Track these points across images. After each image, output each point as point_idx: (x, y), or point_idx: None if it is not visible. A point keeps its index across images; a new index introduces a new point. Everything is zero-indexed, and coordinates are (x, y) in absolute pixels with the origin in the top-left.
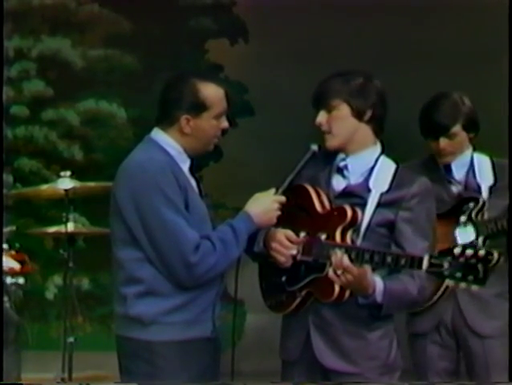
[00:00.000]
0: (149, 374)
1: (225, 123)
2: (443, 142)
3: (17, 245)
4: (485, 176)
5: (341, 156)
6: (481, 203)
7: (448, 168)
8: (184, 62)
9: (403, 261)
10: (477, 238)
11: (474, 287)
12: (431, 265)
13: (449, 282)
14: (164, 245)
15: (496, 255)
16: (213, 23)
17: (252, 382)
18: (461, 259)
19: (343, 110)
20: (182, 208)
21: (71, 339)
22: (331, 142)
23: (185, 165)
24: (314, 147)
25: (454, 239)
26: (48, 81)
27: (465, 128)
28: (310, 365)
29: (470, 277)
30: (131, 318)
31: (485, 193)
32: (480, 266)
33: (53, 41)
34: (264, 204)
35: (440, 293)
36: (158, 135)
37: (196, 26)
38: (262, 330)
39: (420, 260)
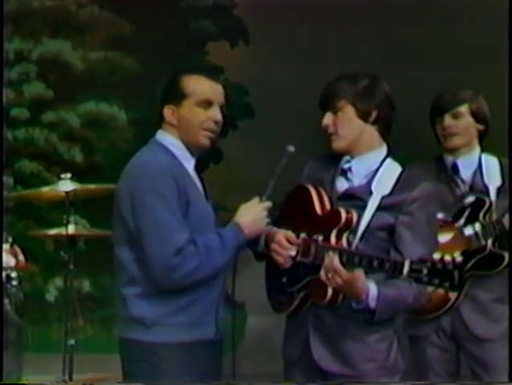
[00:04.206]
0: (151, 377)
1: (214, 114)
2: (448, 120)
3: (9, 239)
4: (492, 177)
5: (346, 157)
6: (487, 204)
7: (455, 168)
8: (185, 64)
9: (387, 266)
10: (486, 240)
11: (451, 293)
12: (411, 270)
13: (428, 288)
14: (147, 244)
15: (507, 256)
16: (213, 25)
17: (254, 384)
18: (439, 265)
19: (349, 111)
20: (176, 210)
21: (71, 341)
22: (338, 144)
23: (190, 164)
24: (291, 148)
25: (463, 242)
26: (48, 83)
27: (474, 115)
28: (309, 366)
29: (446, 284)
30: (133, 320)
31: (492, 194)
32: (456, 273)
33: (53, 43)
34: (253, 214)
35: (447, 307)
36: (161, 135)
37: (196, 28)
38: (264, 332)
39: (402, 265)
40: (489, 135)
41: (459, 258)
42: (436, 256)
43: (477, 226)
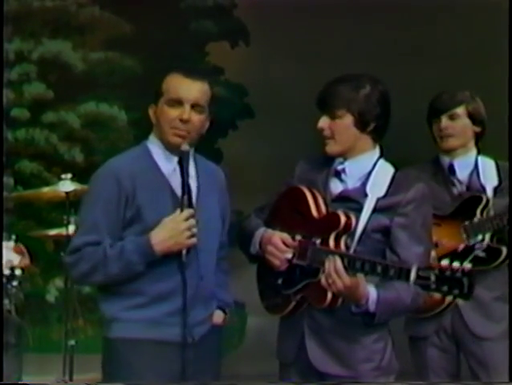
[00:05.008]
0: (116, 373)
1: (181, 113)
2: (444, 121)
3: (13, 236)
4: (489, 177)
5: (339, 159)
6: (484, 200)
7: (451, 169)
8: (185, 65)
9: (392, 272)
10: (483, 235)
11: (460, 301)
12: (418, 277)
13: (436, 294)
14: None
15: (505, 251)
16: (213, 26)
17: (253, 384)
18: (448, 272)
19: (347, 120)
20: (100, 212)
21: (72, 342)
22: (333, 148)
23: (168, 164)
24: (185, 147)
25: (461, 239)
26: (49, 84)
27: (471, 117)
28: (305, 367)
29: (456, 291)
30: (102, 316)
31: (490, 193)
32: (465, 280)
33: (54, 43)
34: (169, 229)
35: (444, 305)
36: (150, 135)
37: (197, 28)
38: (264, 332)
39: (408, 272)
40: (487, 136)
41: (468, 266)
42: (444, 262)
43: (475, 222)
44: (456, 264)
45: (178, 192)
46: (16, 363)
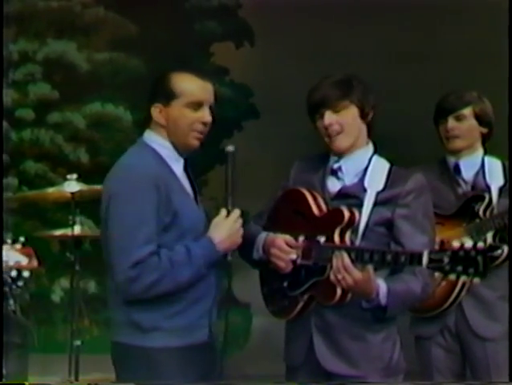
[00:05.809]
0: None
1: (203, 115)
2: (451, 122)
3: (21, 238)
4: (495, 177)
5: (334, 157)
6: (487, 200)
7: (457, 168)
8: (190, 65)
9: (402, 259)
10: (485, 234)
11: (476, 280)
12: (431, 260)
13: (450, 276)
14: (111, 252)
15: (506, 250)
16: (218, 26)
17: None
18: (461, 252)
19: (353, 110)
20: (149, 219)
21: (77, 342)
22: (343, 142)
23: (178, 165)
24: (230, 148)
25: (464, 239)
26: (54, 84)
27: (478, 118)
28: (313, 369)
29: (471, 270)
30: (129, 324)
31: (494, 193)
32: (480, 259)
33: (58, 44)
34: (226, 229)
35: (451, 300)
36: (148, 135)
37: (201, 29)
38: (269, 333)
39: (420, 256)
40: (494, 136)
41: (481, 244)
42: (456, 243)
43: (477, 221)
44: (468, 244)
45: (190, 193)
46: (21, 364)
